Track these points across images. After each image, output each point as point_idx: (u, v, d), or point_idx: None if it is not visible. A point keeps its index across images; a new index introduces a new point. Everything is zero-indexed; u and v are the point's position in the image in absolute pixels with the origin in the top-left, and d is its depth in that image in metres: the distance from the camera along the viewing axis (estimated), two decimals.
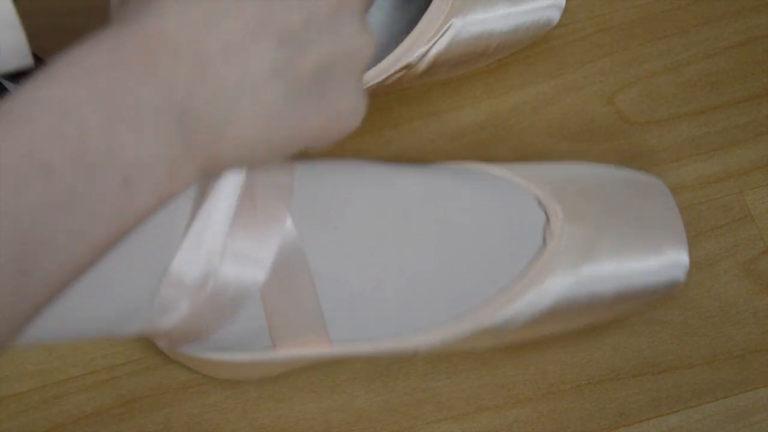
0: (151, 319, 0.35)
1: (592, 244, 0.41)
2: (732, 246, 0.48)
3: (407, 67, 0.46)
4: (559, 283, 0.41)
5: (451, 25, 0.46)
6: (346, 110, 0.30)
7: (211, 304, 0.36)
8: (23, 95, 0.23)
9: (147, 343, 0.45)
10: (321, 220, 0.38)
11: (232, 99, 0.26)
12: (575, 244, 0.41)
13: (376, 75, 0.45)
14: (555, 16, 0.49)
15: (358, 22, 0.29)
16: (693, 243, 0.47)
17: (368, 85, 0.45)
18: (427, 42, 0.46)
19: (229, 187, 0.34)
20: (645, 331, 0.45)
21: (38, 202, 0.22)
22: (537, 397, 0.45)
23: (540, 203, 0.41)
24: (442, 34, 0.46)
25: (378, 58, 0.46)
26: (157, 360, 0.45)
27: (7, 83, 0.49)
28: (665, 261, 0.42)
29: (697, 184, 0.49)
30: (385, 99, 0.51)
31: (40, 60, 0.49)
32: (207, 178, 0.33)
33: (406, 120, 0.51)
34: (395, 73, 0.46)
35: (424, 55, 0.46)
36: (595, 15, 0.53)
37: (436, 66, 0.47)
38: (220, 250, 0.34)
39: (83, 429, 0.44)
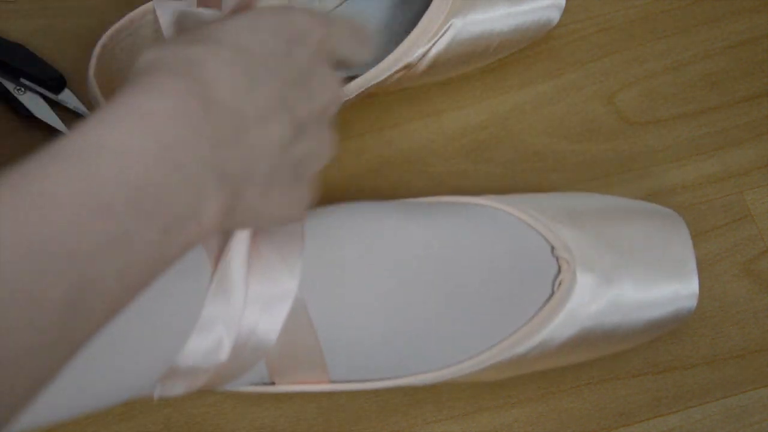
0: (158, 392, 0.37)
1: (601, 289, 0.41)
2: (732, 246, 0.48)
3: (407, 67, 0.46)
4: (567, 327, 0.40)
5: (451, 25, 0.46)
6: (300, 200, 0.32)
7: (221, 373, 0.37)
8: (87, 137, 0.24)
9: None
10: (321, 269, 0.38)
11: (255, 164, 0.28)
12: (585, 291, 0.40)
13: (376, 75, 0.45)
14: (555, 16, 0.49)
15: (329, 129, 0.32)
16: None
17: (368, 85, 0.45)
18: (427, 42, 0.46)
19: (237, 281, 0.35)
20: None
21: (94, 241, 0.23)
22: (537, 397, 0.45)
23: (553, 251, 0.41)
24: (442, 34, 0.46)
25: (378, 58, 0.46)
26: None
27: (6, 82, 0.49)
28: (676, 295, 0.42)
29: (697, 184, 0.49)
30: (385, 99, 0.51)
31: (37, 58, 0.49)
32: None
33: (406, 120, 0.51)
34: (395, 73, 0.46)
35: (424, 55, 0.46)
36: (595, 15, 0.53)
37: (436, 66, 0.47)
38: (235, 327, 0.36)
39: (83, 429, 0.44)
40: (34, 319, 0.21)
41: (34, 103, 0.48)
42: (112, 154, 0.24)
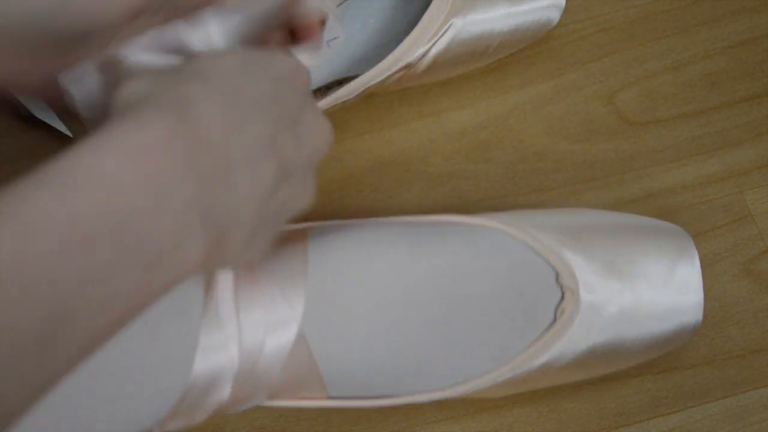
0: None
1: (605, 312, 0.40)
2: (732, 246, 0.48)
3: (407, 66, 0.46)
4: (568, 351, 0.40)
5: (451, 25, 0.46)
6: (269, 243, 0.31)
7: (221, 407, 0.37)
8: (73, 164, 0.23)
9: None
10: (322, 298, 0.38)
11: (243, 208, 0.27)
12: (588, 317, 0.40)
13: (376, 75, 0.45)
14: (555, 16, 0.49)
15: (311, 186, 0.32)
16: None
17: (368, 85, 0.45)
18: (427, 42, 0.46)
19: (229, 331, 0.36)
20: None
21: (75, 272, 0.22)
22: (537, 397, 0.45)
23: (557, 278, 0.40)
24: (442, 34, 0.46)
25: (378, 58, 0.46)
26: None
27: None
28: (681, 313, 0.41)
29: (697, 184, 0.49)
30: (385, 99, 0.51)
31: None
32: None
33: (406, 120, 0.51)
34: (395, 72, 0.46)
35: (424, 55, 0.46)
36: (595, 15, 0.53)
37: (436, 66, 0.47)
38: (234, 362, 0.36)
39: None
40: (3, 348, 0.21)
41: (34, 103, 0.48)
42: (96, 185, 0.23)
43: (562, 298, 0.40)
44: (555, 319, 0.40)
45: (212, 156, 0.26)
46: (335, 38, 0.49)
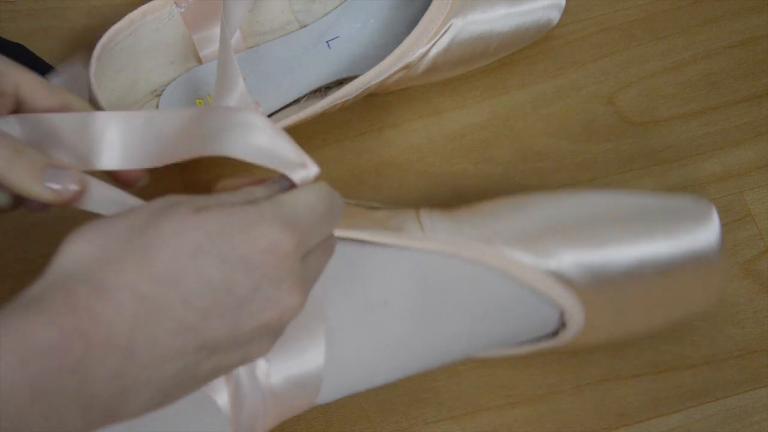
0: None
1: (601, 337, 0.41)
2: (732, 246, 0.48)
3: (407, 67, 0.46)
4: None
5: (451, 25, 0.46)
6: (210, 379, 0.30)
7: None
8: None
9: None
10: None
11: (138, 393, 0.27)
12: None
13: (376, 75, 0.45)
14: (555, 16, 0.49)
15: (266, 346, 0.30)
16: None
17: (368, 85, 0.45)
18: (427, 42, 0.46)
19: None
20: None
21: None
22: (537, 397, 0.45)
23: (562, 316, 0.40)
24: (442, 34, 0.46)
25: (378, 58, 0.46)
26: None
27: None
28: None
29: (697, 184, 0.49)
30: (385, 99, 0.51)
31: (37, 59, 0.49)
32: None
33: (406, 120, 0.51)
34: (395, 73, 0.46)
35: (424, 55, 0.46)
36: (595, 15, 0.53)
37: (436, 66, 0.47)
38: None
39: None
40: None
41: None
42: None
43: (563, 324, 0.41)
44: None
45: (108, 355, 0.25)
46: (335, 38, 0.49)
